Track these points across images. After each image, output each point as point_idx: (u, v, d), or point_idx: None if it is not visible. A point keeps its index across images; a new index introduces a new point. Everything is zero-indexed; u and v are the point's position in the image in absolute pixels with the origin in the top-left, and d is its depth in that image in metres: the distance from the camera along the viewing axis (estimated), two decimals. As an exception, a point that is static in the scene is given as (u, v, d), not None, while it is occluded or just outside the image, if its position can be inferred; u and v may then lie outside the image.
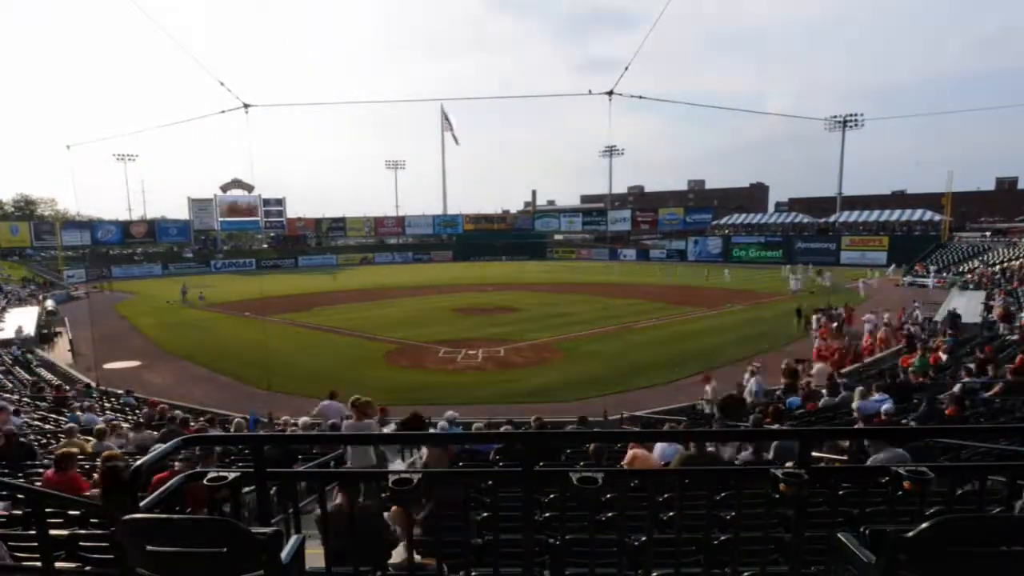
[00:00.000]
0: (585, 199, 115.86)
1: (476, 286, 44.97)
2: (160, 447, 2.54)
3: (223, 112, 13.00)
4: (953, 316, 21.43)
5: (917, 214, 61.63)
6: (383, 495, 2.88)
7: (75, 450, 6.27)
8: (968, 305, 25.66)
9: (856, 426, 7.23)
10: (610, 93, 11.82)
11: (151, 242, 72.27)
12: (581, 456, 7.01)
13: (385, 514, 3.36)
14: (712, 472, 3.73)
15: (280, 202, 78.93)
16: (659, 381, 18.91)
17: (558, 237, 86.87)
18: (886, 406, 7.32)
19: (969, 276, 38.63)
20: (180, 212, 75.68)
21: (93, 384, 18.32)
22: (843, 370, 17.14)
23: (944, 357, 14.66)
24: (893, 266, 49.88)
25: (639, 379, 19.14)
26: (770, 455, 5.80)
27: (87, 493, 5.15)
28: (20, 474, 6.80)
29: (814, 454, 5.02)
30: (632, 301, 36.05)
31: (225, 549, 1.63)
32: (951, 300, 28.43)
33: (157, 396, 16.79)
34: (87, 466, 6.67)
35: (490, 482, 3.14)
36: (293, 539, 1.87)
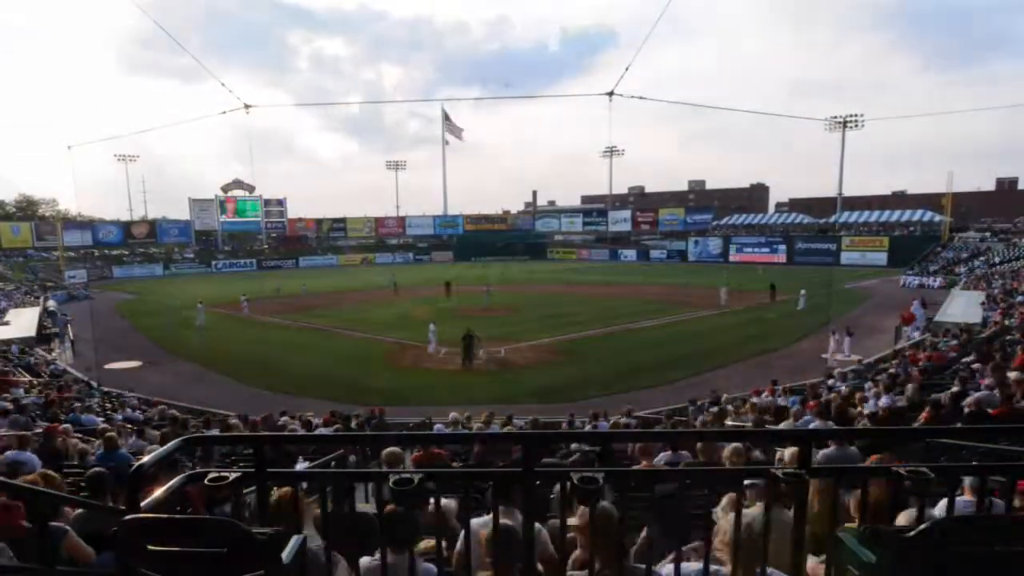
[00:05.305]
0: (585, 199, 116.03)
1: (476, 286, 44.97)
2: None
3: (224, 112, 13.02)
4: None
5: (917, 214, 61.65)
6: None
7: None
8: (967, 306, 25.63)
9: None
10: (610, 94, 11.83)
11: (152, 242, 72.35)
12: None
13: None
14: (714, 472, 3.73)
15: (281, 202, 79.06)
16: (660, 381, 18.92)
17: (558, 237, 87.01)
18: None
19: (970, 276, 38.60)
20: (181, 213, 75.88)
21: (94, 384, 18.30)
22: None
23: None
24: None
25: (639, 379, 19.14)
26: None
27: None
28: None
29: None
30: (632, 301, 36.04)
31: (225, 549, 1.64)
32: (952, 300, 28.40)
33: (158, 397, 16.80)
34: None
35: (490, 482, 3.14)
36: (294, 539, 1.86)
